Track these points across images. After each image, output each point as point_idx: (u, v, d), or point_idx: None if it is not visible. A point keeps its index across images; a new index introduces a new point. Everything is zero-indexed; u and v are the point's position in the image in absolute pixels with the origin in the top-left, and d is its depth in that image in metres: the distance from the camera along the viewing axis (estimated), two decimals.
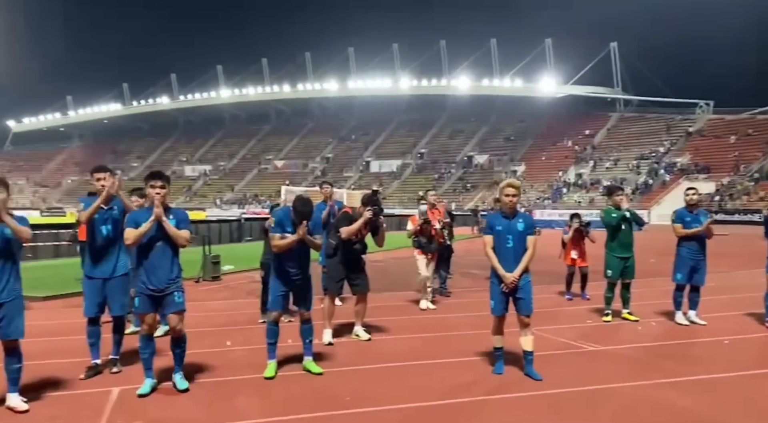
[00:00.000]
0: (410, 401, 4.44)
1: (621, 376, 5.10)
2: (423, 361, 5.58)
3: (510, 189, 4.99)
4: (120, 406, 4.29)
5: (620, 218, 7.28)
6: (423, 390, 4.71)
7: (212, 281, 11.04)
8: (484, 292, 9.90)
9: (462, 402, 4.48)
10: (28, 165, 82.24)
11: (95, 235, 5.07)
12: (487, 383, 4.92)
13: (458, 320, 7.68)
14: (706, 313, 7.35)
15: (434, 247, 8.42)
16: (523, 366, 5.10)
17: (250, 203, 60.60)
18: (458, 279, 11.68)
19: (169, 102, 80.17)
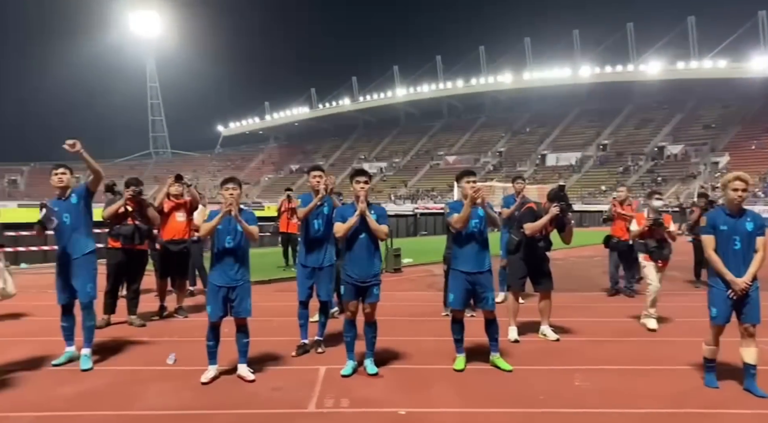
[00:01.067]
0: (610, 407, 4.25)
1: None
2: (620, 367, 5.28)
3: (738, 183, 4.45)
4: (328, 384, 4.74)
5: None
6: (623, 397, 4.48)
7: (394, 273, 11.59)
8: (684, 296, 9.10)
9: (670, 414, 4.16)
10: (234, 164, 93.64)
11: (309, 229, 5.65)
12: (700, 396, 4.50)
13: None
14: None
15: (666, 253, 7.14)
16: (741, 380, 4.57)
17: (423, 198, 62.11)
18: None
19: (350, 103, 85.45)
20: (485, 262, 5.17)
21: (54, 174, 5.29)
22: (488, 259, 5.23)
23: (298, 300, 5.73)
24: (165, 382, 4.79)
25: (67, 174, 5.33)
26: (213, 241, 4.92)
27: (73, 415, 4.03)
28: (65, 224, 5.20)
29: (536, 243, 6.23)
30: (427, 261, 13.11)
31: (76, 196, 5.28)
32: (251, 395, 4.48)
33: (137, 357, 5.54)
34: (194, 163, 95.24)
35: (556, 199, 6.08)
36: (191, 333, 6.21)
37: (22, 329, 6.63)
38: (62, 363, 5.20)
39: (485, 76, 73.61)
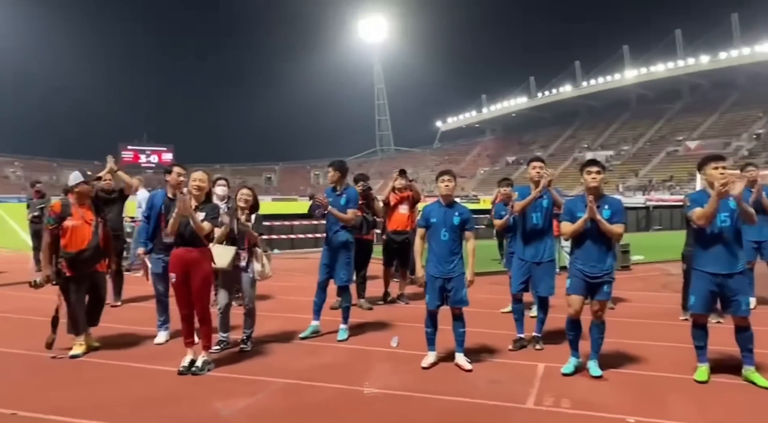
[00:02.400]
0: None
1: None
2: None
3: None
4: (547, 382, 4.57)
5: None
6: None
7: (622, 270, 10.67)
8: None
9: None
10: (451, 158, 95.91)
11: (525, 222, 5.52)
12: None
13: None
14: None
15: None
16: None
17: (657, 189, 56.01)
18: None
19: (571, 90, 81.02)
20: (738, 263, 4.45)
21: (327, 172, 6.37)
22: (742, 260, 4.51)
23: (511, 294, 5.64)
24: (389, 362, 5.12)
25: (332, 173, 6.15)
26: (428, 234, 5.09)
27: (312, 384, 4.54)
28: (332, 218, 5.98)
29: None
30: (661, 259, 11.82)
31: (346, 196, 6.03)
32: (469, 385, 4.53)
33: (365, 338, 6.02)
34: (415, 158, 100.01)
35: None
36: (412, 319, 6.53)
37: (273, 306, 7.69)
38: (307, 336, 5.91)
39: (738, 47, 63.23)
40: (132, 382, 4.59)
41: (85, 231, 5.30)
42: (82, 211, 5.35)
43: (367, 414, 3.99)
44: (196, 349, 4.93)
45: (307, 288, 9.20)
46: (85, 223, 5.32)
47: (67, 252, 5.20)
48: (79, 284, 5.29)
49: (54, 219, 5.25)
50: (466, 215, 5.04)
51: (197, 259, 4.85)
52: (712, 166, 4.47)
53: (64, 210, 5.29)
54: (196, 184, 4.93)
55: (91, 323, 5.52)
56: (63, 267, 5.22)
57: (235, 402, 4.13)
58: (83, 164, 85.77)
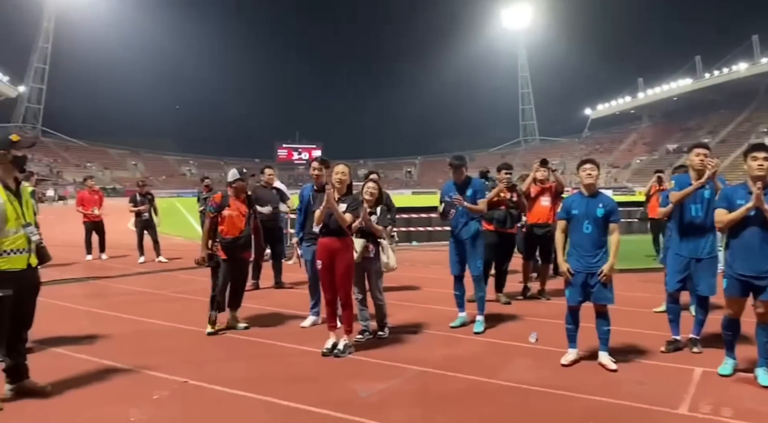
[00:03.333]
0: None
1: None
2: None
3: None
4: (703, 388, 4.16)
5: None
6: None
7: None
8: None
9: None
10: (602, 147, 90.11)
11: (683, 214, 5.03)
12: None
13: None
14: None
15: None
16: None
17: None
18: None
19: (747, 67, 71.79)
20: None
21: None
22: None
23: (666, 292, 5.19)
24: (526, 358, 4.99)
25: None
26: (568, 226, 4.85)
27: (446, 374, 4.57)
28: (459, 210, 6.00)
29: None
30: None
31: (472, 188, 6.02)
32: (613, 385, 4.27)
33: (503, 331, 5.91)
34: (561, 148, 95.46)
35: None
36: (553, 315, 6.28)
37: (411, 297, 7.84)
38: (457, 326, 6.03)
39: None
40: (281, 360, 4.99)
41: (240, 221, 5.95)
42: (238, 204, 6.00)
43: (499, 407, 3.93)
44: (338, 333, 5.22)
45: (442, 280, 9.30)
46: (240, 214, 5.97)
47: (224, 237, 5.89)
48: (229, 268, 5.90)
49: (214, 208, 5.94)
50: (610, 206, 4.73)
51: (341, 247, 5.13)
52: (751, 156, 4.15)
53: (224, 201, 5.97)
54: (338, 177, 5.21)
55: (235, 305, 6.09)
56: (218, 250, 5.89)
57: (372, 385, 4.31)
58: (245, 162, 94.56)
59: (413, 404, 3.99)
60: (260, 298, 7.59)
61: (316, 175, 6.09)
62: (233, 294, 6.08)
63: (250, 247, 6.07)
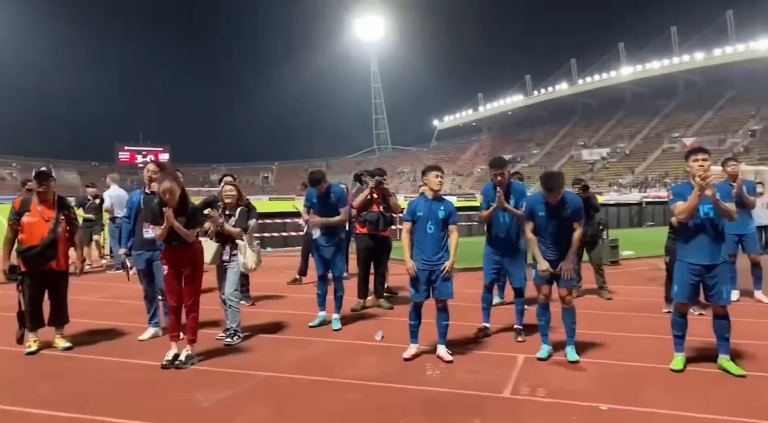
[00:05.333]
0: None
1: None
2: None
3: None
4: (525, 372, 4.64)
5: None
6: None
7: (611, 265, 10.73)
8: None
9: None
10: (447, 157, 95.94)
11: (494, 221, 5.77)
12: None
13: None
14: None
15: None
16: None
17: (652, 186, 56.14)
18: None
19: (567, 87, 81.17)
20: (720, 253, 4.52)
21: None
22: (723, 250, 4.58)
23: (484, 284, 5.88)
24: (372, 355, 5.18)
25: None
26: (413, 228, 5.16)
27: (293, 377, 4.59)
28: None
29: None
30: (652, 254, 11.86)
31: (333, 195, 6.28)
32: (448, 375, 4.60)
33: (353, 331, 6.08)
34: (412, 157, 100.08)
35: None
36: (400, 314, 6.57)
37: (265, 302, 7.73)
38: (316, 325, 6.20)
39: (733, 44, 63.39)
40: (114, 375, 4.64)
41: (42, 228, 5.22)
42: (43, 208, 5.29)
43: (343, 404, 4.04)
44: (181, 344, 4.98)
45: (298, 287, 9.27)
46: (43, 220, 5.26)
47: (21, 247, 5.19)
48: (33, 280, 5.23)
49: (14, 215, 5.25)
50: (450, 209, 5.10)
51: (189, 253, 4.95)
52: (692, 158, 4.51)
53: (23, 206, 5.28)
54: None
55: (56, 323, 5.44)
56: (19, 262, 5.21)
57: (215, 394, 4.18)
58: (81, 165, 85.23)
59: (258, 408, 3.95)
60: (93, 312, 6.98)
61: (149, 177, 5.73)
62: (52, 310, 5.41)
63: (55, 256, 5.24)
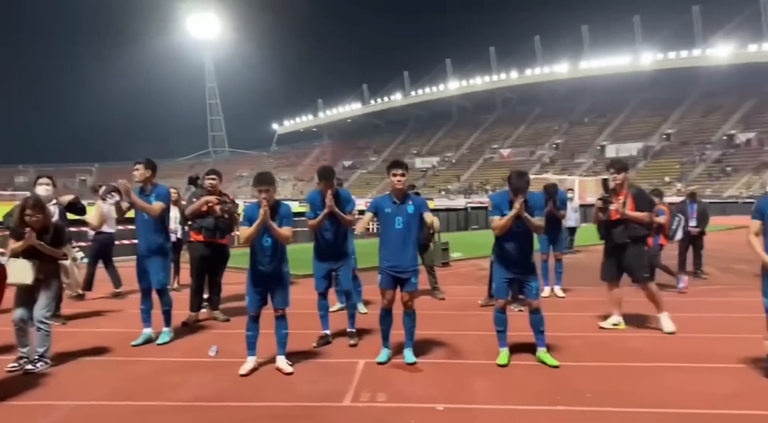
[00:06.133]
0: (657, 406, 3.95)
1: None
2: (672, 364, 4.92)
3: None
4: (366, 378, 4.63)
5: None
6: (674, 396, 4.16)
7: (442, 267, 11.37)
8: (752, 290, 8.48)
9: (720, 414, 3.84)
10: (288, 161, 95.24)
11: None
12: (755, 396, 4.12)
13: (716, 321, 6.64)
14: None
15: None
16: None
17: (476, 193, 61.22)
18: (717, 275, 10.15)
19: (401, 98, 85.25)
20: (531, 252, 5.02)
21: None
22: (532, 252, 5.06)
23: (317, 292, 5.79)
24: (205, 372, 4.81)
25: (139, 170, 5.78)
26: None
27: (110, 404, 4.07)
28: (143, 219, 5.69)
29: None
30: (478, 255, 12.82)
31: (155, 194, 5.72)
32: (289, 387, 4.43)
33: (182, 347, 5.60)
34: (251, 161, 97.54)
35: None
36: (236, 326, 6.22)
37: (80, 322, 6.84)
38: (140, 343, 5.60)
39: (540, 66, 71.70)
40: None
41: None
42: None
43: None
44: None
45: (121, 301, 8.37)
46: None
47: None
48: None
49: None
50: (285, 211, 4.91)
51: None
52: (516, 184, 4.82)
53: None
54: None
55: None
56: None
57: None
58: None
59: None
60: None
61: None
62: None
63: None
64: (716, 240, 11.42)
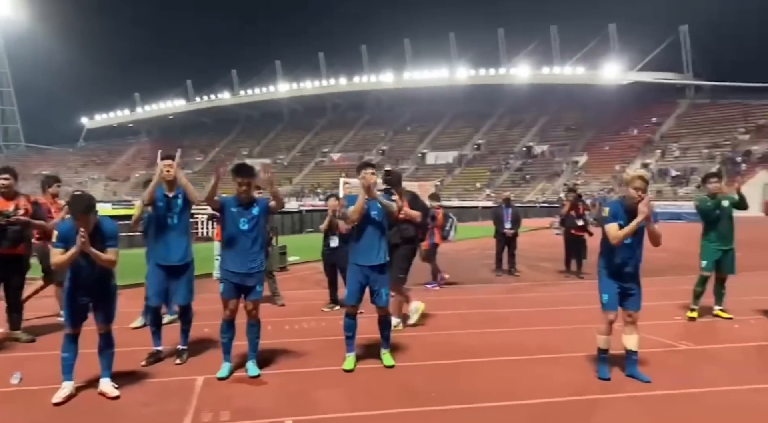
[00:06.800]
0: (503, 399, 4.24)
1: (721, 379, 4.73)
2: (506, 358, 5.36)
3: (639, 182, 4.44)
4: (206, 395, 4.30)
5: (715, 207, 6.74)
6: (515, 387, 4.52)
7: (280, 271, 11.14)
8: (558, 286, 9.66)
9: (563, 402, 4.24)
10: (99, 159, 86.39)
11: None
12: (582, 383, 4.65)
13: (534, 315, 7.41)
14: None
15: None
16: (623, 366, 4.75)
17: (308, 196, 61.43)
18: (528, 273, 11.36)
19: (230, 97, 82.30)
20: (383, 254, 5.04)
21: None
22: (385, 252, 5.10)
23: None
24: (6, 405, 4.07)
25: None
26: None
27: None
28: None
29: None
30: (315, 258, 12.75)
31: None
32: (115, 414, 3.94)
33: None
34: (53, 158, 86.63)
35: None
36: (42, 347, 5.38)
37: None
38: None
39: (367, 74, 74.32)
40: None
41: None
42: None
43: None
44: None
45: None
46: None
47: None
48: None
49: None
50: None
51: None
52: (364, 171, 4.95)
53: None
54: None
55: None
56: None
57: None
58: None
59: None
60: None
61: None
62: None
63: None
64: (522, 241, 12.75)
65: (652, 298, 8.16)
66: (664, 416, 3.98)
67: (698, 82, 59.63)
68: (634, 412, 4.08)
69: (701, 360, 5.39)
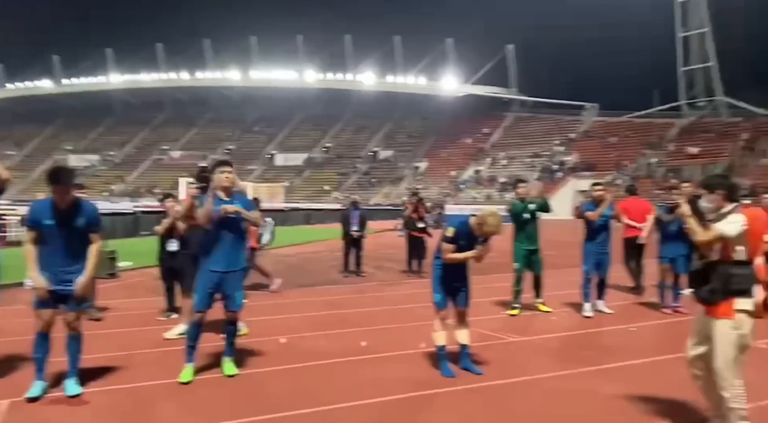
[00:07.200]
0: (350, 400, 4.24)
1: (546, 367, 5.20)
2: (355, 358, 5.39)
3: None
4: (14, 421, 3.72)
5: (522, 210, 7.50)
6: (366, 386, 4.55)
7: (108, 278, 10.15)
8: (402, 285, 10.03)
9: (407, 398, 4.35)
10: None
11: None
12: (426, 378, 4.81)
13: (380, 314, 7.59)
14: (610, 302, 7.82)
15: None
16: (457, 360, 5.01)
17: (144, 196, 57.06)
18: (374, 273, 11.65)
19: (51, 85, 73.60)
20: (239, 260, 4.83)
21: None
22: (242, 258, 4.92)
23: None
24: None
25: None
26: None
27: None
28: None
29: None
30: (150, 264, 11.81)
31: None
32: None
33: None
34: None
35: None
36: None
37: None
38: None
39: (211, 70, 71.14)
40: None
41: None
42: None
43: None
44: None
45: None
46: None
47: None
48: None
49: None
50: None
51: None
52: (219, 170, 4.74)
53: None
54: None
55: None
56: None
57: None
58: None
59: None
60: None
61: None
62: None
63: None
64: (368, 242, 13.05)
65: (481, 295, 8.83)
66: (505, 406, 4.29)
67: (522, 97, 66.18)
68: (475, 402, 4.32)
69: (528, 350, 5.90)
